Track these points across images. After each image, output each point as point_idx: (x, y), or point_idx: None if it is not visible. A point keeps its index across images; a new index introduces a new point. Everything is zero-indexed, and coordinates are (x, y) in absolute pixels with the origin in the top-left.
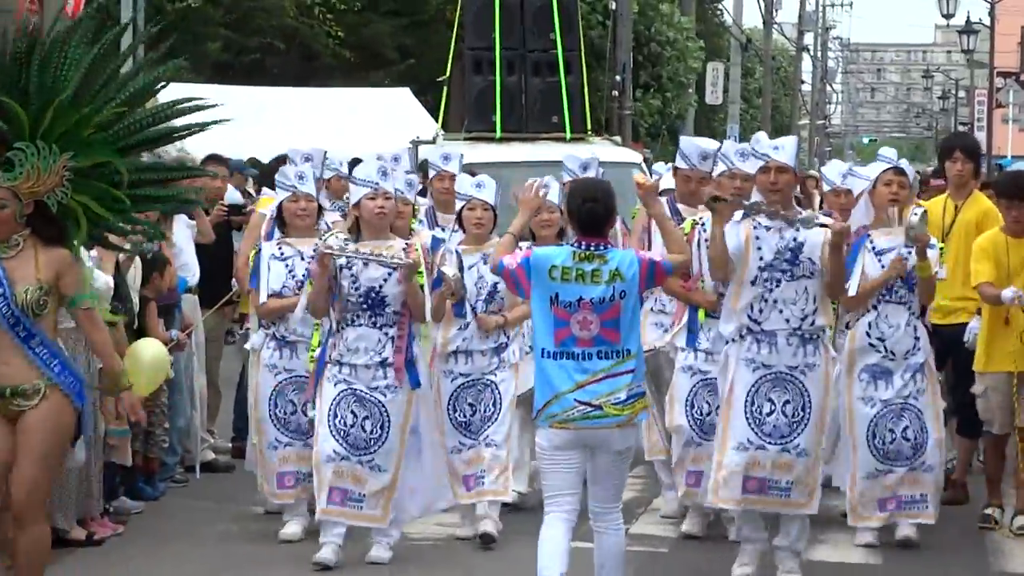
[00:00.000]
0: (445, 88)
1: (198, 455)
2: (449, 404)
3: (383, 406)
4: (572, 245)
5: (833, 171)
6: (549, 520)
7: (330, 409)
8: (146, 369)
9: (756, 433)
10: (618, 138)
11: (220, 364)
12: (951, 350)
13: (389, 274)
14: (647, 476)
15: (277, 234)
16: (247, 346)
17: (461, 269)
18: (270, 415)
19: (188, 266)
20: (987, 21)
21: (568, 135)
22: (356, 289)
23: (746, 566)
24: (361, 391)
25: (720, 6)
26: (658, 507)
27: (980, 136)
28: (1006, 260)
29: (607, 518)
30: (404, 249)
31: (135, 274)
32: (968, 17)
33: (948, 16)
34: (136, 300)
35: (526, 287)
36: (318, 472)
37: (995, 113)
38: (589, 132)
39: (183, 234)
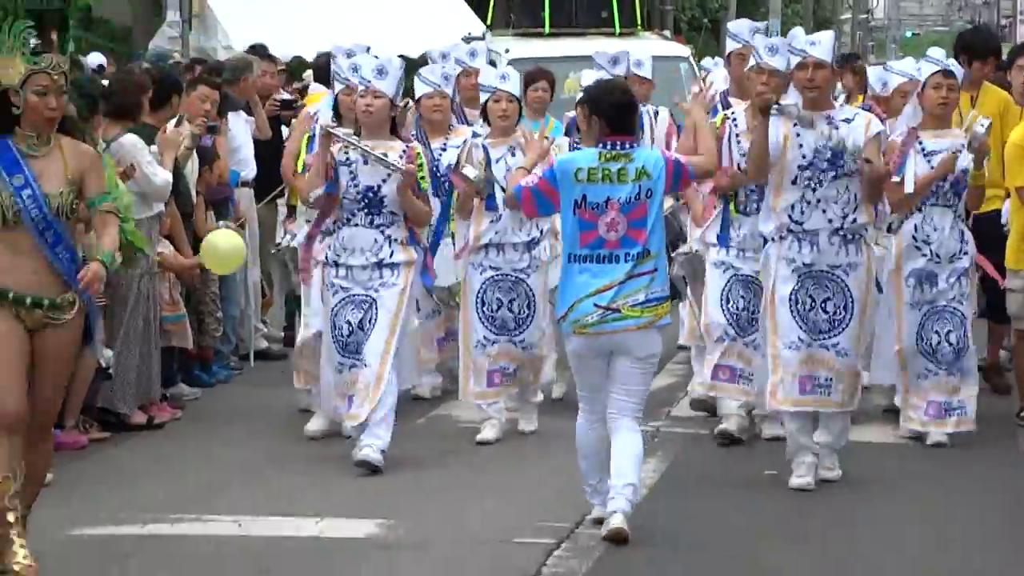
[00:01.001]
0: None
1: (252, 344)
2: (478, 297)
3: (374, 301)
4: (598, 146)
5: (873, 76)
6: (582, 417)
7: (331, 320)
8: (221, 259)
9: (803, 330)
10: (668, 32)
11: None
12: (983, 237)
13: (388, 174)
14: (686, 363)
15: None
16: (294, 243)
17: (488, 163)
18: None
19: (246, 160)
20: None
21: (618, 30)
22: (355, 187)
23: (803, 476)
24: (357, 295)
25: None
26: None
27: (1021, 29)
28: None
29: (623, 421)
30: (403, 153)
31: (193, 168)
32: None
33: None
34: (194, 193)
35: (552, 197)
36: (327, 378)
37: None
38: (639, 27)
39: (242, 129)
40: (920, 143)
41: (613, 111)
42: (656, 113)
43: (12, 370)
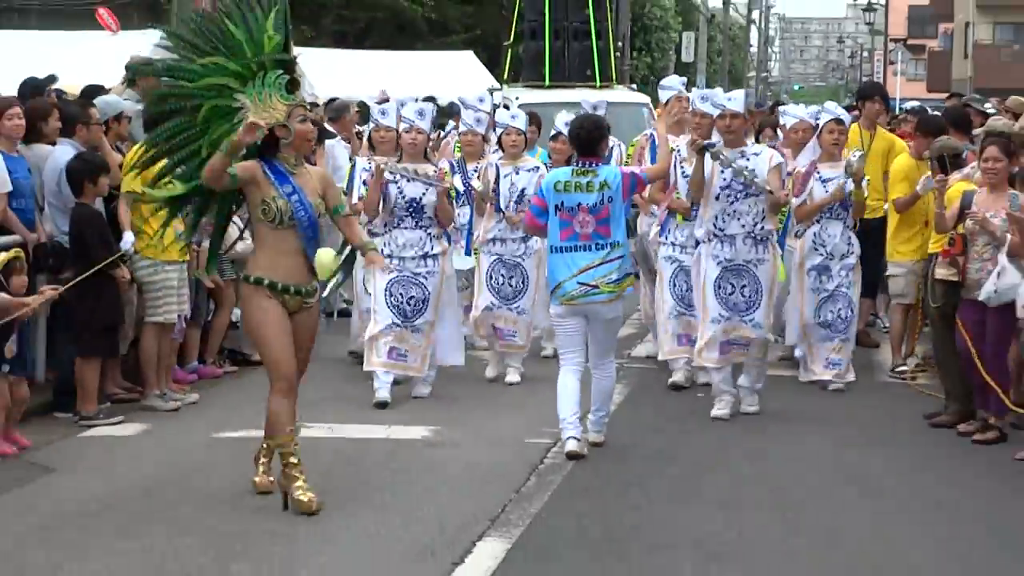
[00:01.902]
0: (509, 50)
1: (335, 305)
2: (487, 274)
3: (425, 286)
4: (573, 164)
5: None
6: (562, 371)
7: (386, 289)
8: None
9: (724, 308)
10: (634, 86)
11: None
12: (872, 237)
13: (427, 188)
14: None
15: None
16: None
17: (498, 179)
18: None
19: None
20: (883, 1)
21: (598, 84)
22: (402, 198)
23: (722, 409)
24: (407, 276)
25: None
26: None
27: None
28: (916, 176)
29: (601, 368)
30: (435, 171)
31: None
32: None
33: None
34: None
35: (545, 207)
36: (376, 336)
37: (888, 68)
38: (614, 81)
39: (342, 153)
40: (818, 173)
41: (580, 139)
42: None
43: (287, 343)
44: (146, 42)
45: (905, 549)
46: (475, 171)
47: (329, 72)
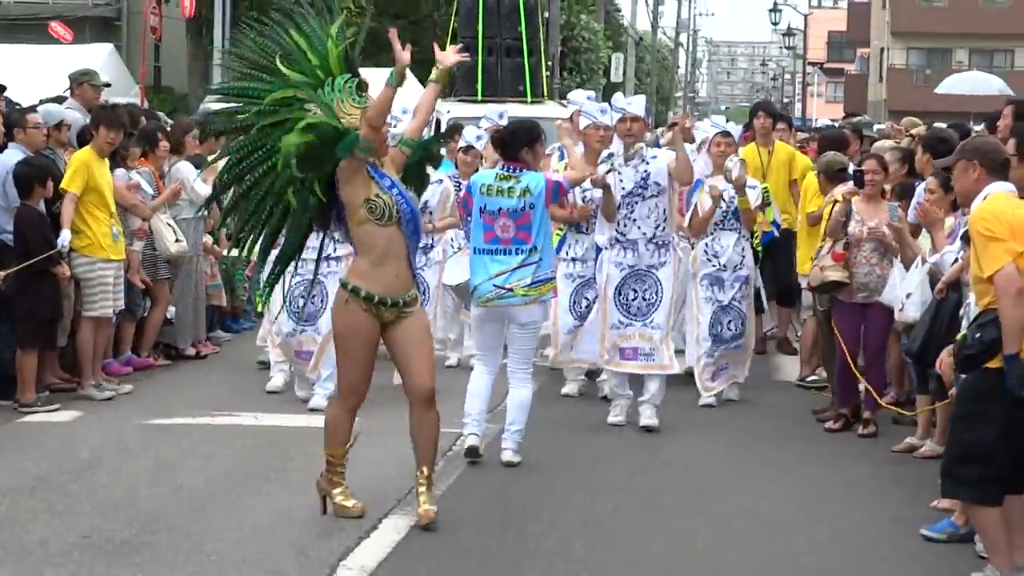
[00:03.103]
0: None
1: None
2: None
3: (323, 284)
4: (499, 168)
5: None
6: (476, 371)
7: (287, 296)
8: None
9: (624, 315)
10: (564, 101)
11: None
12: (778, 248)
13: None
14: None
15: None
16: None
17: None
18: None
19: None
20: (802, 27)
21: (529, 99)
22: None
23: (618, 416)
24: (309, 278)
25: (621, 14)
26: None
27: (798, 106)
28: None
29: (518, 376)
30: None
31: None
32: (789, 25)
33: (775, 24)
34: None
35: (472, 204)
36: (278, 343)
37: (807, 90)
38: (544, 96)
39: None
40: (706, 185)
41: (501, 142)
42: None
43: (367, 364)
44: (96, 55)
45: (782, 527)
46: None
47: None
